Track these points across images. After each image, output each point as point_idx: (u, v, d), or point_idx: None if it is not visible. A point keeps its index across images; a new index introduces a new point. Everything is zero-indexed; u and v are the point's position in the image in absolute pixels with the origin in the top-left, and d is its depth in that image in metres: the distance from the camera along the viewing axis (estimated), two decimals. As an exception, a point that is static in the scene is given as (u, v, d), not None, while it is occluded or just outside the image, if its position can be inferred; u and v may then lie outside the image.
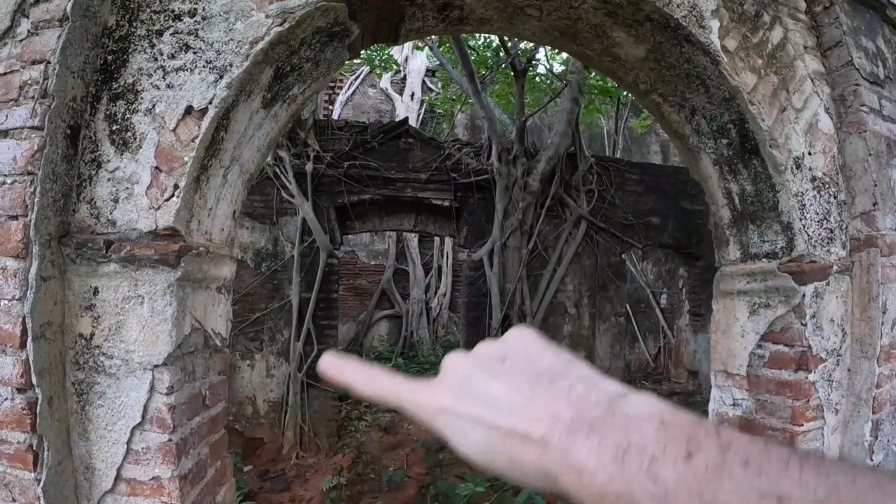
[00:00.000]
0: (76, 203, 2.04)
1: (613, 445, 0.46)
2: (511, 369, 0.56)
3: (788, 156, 2.81)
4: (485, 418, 0.53)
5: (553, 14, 2.77)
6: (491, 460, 0.53)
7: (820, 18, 3.02)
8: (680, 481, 0.43)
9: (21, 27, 1.97)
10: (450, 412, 0.55)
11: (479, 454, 0.54)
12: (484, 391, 0.55)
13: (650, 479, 0.44)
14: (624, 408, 0.49)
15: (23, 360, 1.83)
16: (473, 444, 0.54)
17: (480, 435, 0.53)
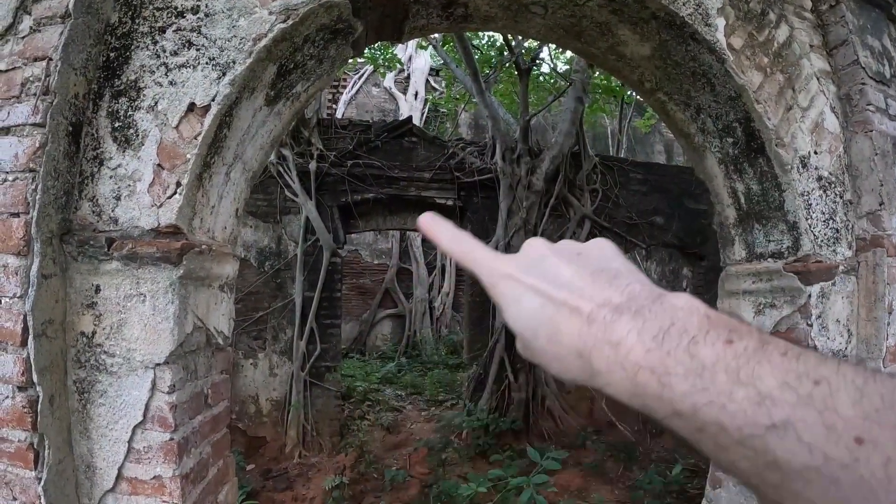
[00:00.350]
0: (78, 200, 2.03)
1: (655, 327, 0.49)
2: (581, 261, 0.60)
3: (794, 155, 2.79)
4: (543, 289, 0.57)
5: (558, 12, 2.75)
6: (535, 332, 0.57)
7: (826, 17, 3.00)
8: (718, 359, 0.44)
9: (23, 24, 1.96)
10: (514, 279, 0.59)
11: (527, 324, 0.58)
12: (551, 270, 0.59)
13: (688, 356, 0.46)
14: (671, 300, 0.51)
15: (24, 358, 1.82)
16: (525, 312, 0.58)
17: (534, 304, 0.57)
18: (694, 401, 0.44)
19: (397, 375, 11.94)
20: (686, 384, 0.45)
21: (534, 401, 8.01)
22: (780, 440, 0.40)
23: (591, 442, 7.50)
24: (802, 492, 0.40)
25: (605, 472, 6.69)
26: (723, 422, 0.43)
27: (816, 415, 0.39)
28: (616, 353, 0.49)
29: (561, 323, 0.54)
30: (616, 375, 0.50)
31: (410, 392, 10.80)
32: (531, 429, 7.85)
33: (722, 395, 0.43)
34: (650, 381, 0.47)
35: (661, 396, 0.46)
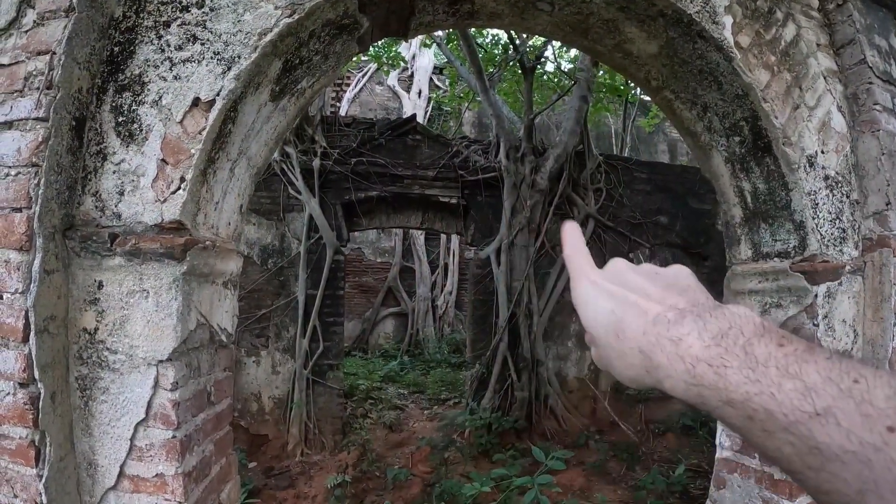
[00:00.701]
0: (81, 195, 2.02)
1: (715, 328, 0.55)
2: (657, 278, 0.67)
3: (801, 154, 2.77)
4: (618, 292, 0.65)
5: (565, 9, 2.73)
6: (606, 330, 0.64)
7: (833, 16, 2.98)
8: (770, 356, 0.51)
9: (27, 18, 1.95)
10: (595, 284, 0.69)
11: (600, 323, 0.66)
12: (629, 280, 0.67)
13: (743, 352, 0.52)
14: (730, 308, 0.58)
15: (25, 354, 1.80)
16: (600, 312, 0.66)
17: (608, 305, 0.65)
18: (746, 390, 0.50)
19: (400, 374, 11.94)
20: (740, 375, 0.51)
21: (536, 400, 8.00)
22: (822, 427, 0.46)
23: (593, 442, 7.48)
24: (839, 473, 0.45)
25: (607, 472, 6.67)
26: (772, 409, 0.49)
27: (854, 406, 0.45)
28: (677, 348, 0.56)
29: (628, 322, 0.62)
30: (675, 368, 0.56)
31: (413, 391, 10.80)
32: (534, 428, 7.84)
33: (772, 386, 0.49)
34: (707, 372, 0.53)
35: (716, 386, 0.53)
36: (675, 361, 0.56)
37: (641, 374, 0.61)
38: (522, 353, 7.96)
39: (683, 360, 0.55)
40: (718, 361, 0.53)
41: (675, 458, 6.92)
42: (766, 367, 0.50)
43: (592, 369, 8.69)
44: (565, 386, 8.47)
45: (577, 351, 8.63)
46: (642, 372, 0.60)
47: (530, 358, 7.94)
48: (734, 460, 3.01)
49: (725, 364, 0.52)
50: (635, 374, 0.62)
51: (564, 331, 8.55)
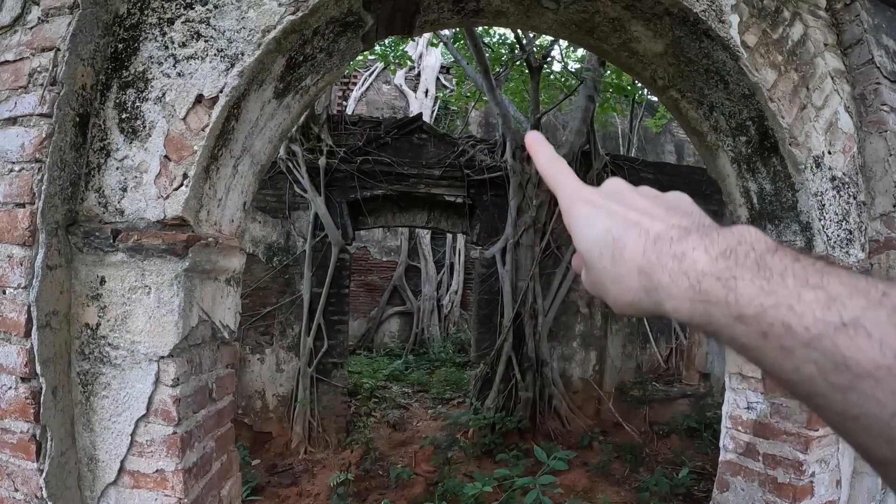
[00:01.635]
0: (84, 191, 2.02)
1: (724, 244, 0.50)
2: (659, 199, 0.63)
3: (808, 154, 2.76)
4: (617, 210, 0.60)
5: (570, 7, 2.73)
6: (601, 252, 0.59)
7: (840, 16, 2.97)
8: (787, 268, 0.46)
9: (31, 14, 1.96)
10: (591, 202, 0.63)
11: (595, 243, 0.60)
12: (628, 198, 0.62)
13: (756, 265, 0.47)
14: (739, 227, 0.52)
15: (27, 349, 1.81)
16: (595, 232, 0.60)
17: (606, 224, 0.59)
18: (760, 302, 0.45)
19: (404, 373, 11.95)
20: (753, 287, 0.46)
21: (541, 400, 7.99)
22: (851, 339, 0.40)
23: (597, 443, 7.48)
24: (872, 392, 0.39)
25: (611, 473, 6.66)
26: (790, 323, 0.43)
27: (887, 315, 0.40)
28: (681, 264, 0.51)
29: (627, 241, 0.56)
30: (679, 285, 0.51)
31: (417, 390, 10.81)
32: (537, 428, 7.84)
33: (790, 296, 0.44)
34: (715, 286, 0.48)
35: (725, 301, 0.47)
36: (679, 278, 0.51)
37: (640, 297, 0.56)
38: (527, 353, 7.95)
39: (688, 276, 0.50)
40: (728, 274, 0.48)
41: (679, 460, 6.90)
42: (783, 277, 0.45)
43: (597, 370, 8.68)
44: (569, 386, 8.46)
45: (581, 351, 8.62)
46: (641, 294, 0.55)
47: (535, 358, 7.93)
48: (738, 463, 3.00)
49: (735, 276, 0.47)
50: (632, 298, 0.57)
51: (569, 331, 8.54)
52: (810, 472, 2.75)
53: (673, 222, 0.56)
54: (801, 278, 0.44)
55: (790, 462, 2.77)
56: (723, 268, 0.48)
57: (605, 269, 0.59)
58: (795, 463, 2.75)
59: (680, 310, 0.51)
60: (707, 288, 0.48)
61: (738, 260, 0.48)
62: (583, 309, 8.58)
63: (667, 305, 0.53)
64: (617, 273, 0.57)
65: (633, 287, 0.56)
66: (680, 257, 0.51)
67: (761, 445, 2.90)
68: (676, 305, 0.51)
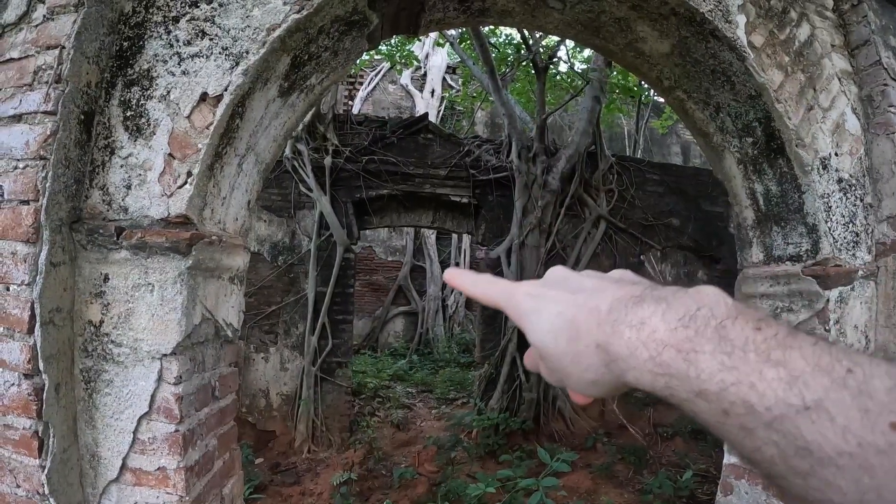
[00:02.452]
0: (88, 189, 2.03)
1: (681, 310, 0.48)
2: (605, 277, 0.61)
3: (815, 156, 2.75)
4: (563, 297, 0.58)
5: (577, 6, 2.72)
6: (556, 336, 0.56)
7: (847, 17, 2.96)
8: (748, 341, 0.43)
9: (37, 12, 1.96)
10: (536, 295, 0.61)
11: (548, 330, 0.57)
12: (574, 283, 0.61)
13: (716, 335, 0.45)
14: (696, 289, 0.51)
15: (30, 345, 1.81)
16: (546, 321, 0.58)
17: (555, 311, 0.57)
18: (721, 379, 0.43)
19: (408, 373, 11.94)
20: (714, 362, 0.44)
21: (545, 401, 7.97)
22: (812, 423, 0.39)
23: (601, 444, 7.45)
24: (833, 480, 0.38)
25: (614, 475, 6.64)
26: (751, 402, 0.41)
27: (851, 398, 0.38)
28: (638, 333, 0.49)
29: (580, 319, 0.55)
30: (638, 357, 0.49)
31: (421, 390, 10.80)
32: (541, 429, 7.82)
33: (752, 374, 0.42)
34: (675, 359, 0.46)
35: (686, 376, 0.45)
36: (638, 349, 0.48)
37: (601, 373, 0.53)
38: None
39: (647, 347, 0.48)
40: (688, 346, 0.45)
41: (683, 463, 6.87)
42: (745, 352, 0.43)
43: (601, 371, 8.64)
44: (574, 387, 8.43)
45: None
46: (602, 370, 0.53)
47: (539, 359, 7.90)
48: (742, 466, 2.99)
49: (696, 349, 0.45)
50: (594, 376, 0.54)
51: (574, 332, 8.50)
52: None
53: (624, 291, 0.54)
54: (762, 353, 0.42)
55: (794, 465, 2.76)
56: (682, 338, 0.46)
57: (563, 353, 0.56)
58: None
59: (641, 381, 0.49)
60: (667, 360, 0.47)
61: (699, 329, 0.46)
62: (587, 310, 8.54)
63: (629, 377, 0.51)
64: (575, 352, 0.55)
65: (593, 364, 0.54)
66: (638, 326, 0.49)
67: (765, 448, 2.89)
68: (638, 377, 0.49)
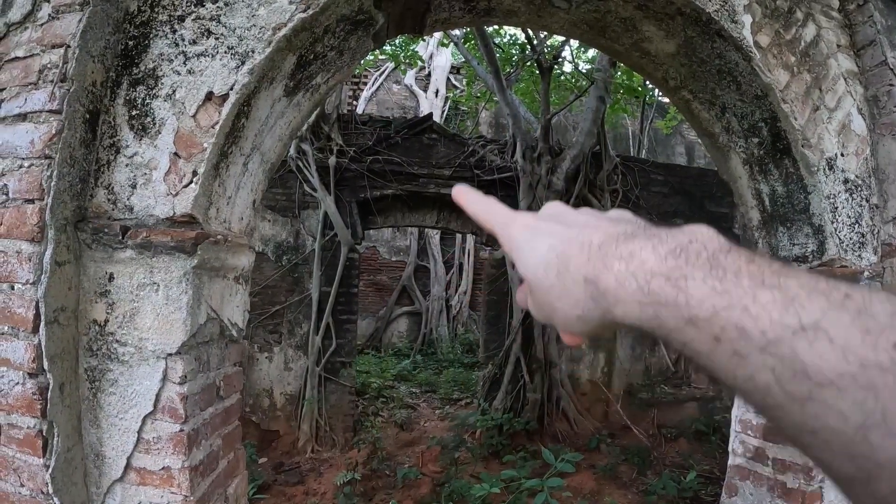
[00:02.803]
0: (93, 188, 2.03)
1: (673, 244, 0.47)
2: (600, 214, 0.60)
3: (821, 156, 2.74)
4: (556, 230, 0.57)
5: (582, 6, 2.71)
6: (545, 269, 0.56)
7: (853, 17, 2.95)
8: (741, 270, 0.43)
9: (42, 11, 1.96)
10: (529, 226, 0.60)
11: (538, 263, 0.57)
12: (568, 217, 0.60)
13: (708, 264, 0.44)
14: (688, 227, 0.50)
15: (35, 344, 1.81)
16: (537, 252, 0.57)
17: (547, 244, 0.56)
18: (712, 304, 0.42)
19: (412, 373, 11.94)
20: (705, 288, 0.43)
21: (549, 402, 7.96)
22: (810, 345, 0.37)
23: (605, 445, 7.44)
24: (834, 404, 0.36)
25: (618, 476, 6.63)
26: (745, 326, 0.40)
27: (850, 319, 0.36)
28: (628, 265, 0.48)
29: (571, 253, 0.54)
30: (626, 287, 0.47)
31: (425, 390, 10.79)
32: (545, 430, 7.81)
33: (745, 297, 0.41)
34: (664, 287, 0.45)
35: (675, 303, 0.44)
36: (626, 280, 0.47)
37: (589, 308, 0.52)
38: (535, 354, 7.92)
39: (636, 278, 0.47)
40: (677, 273, 0.44)
41: (687, 464, 6.86)
42: (738, 277, 0.42)
43: (606, 372, 8.64)
44: (578, 388, 8.43)
45: (590, 353, 8.59)
46: (590, 304, 0.51)
47: (543, 359, 7.90)
48: (746, 467, 2.98)
49: (686, 275, 0.44)
50: (581, 311, 0.53)
51: (578, 333, 8.49)
52: (820, 478, 2.72)
53: (618, 229, 0.53)
54: (756, 278, 0.41)
55: (800, 467, 2.75)
56: (672, 266, 0.45)
57: (551, 286, 0.55)
58: (805, 468, 2.73)
59: (629, 314, 0.48)
60: (656, 289, 0.45)
61: (689, 259, 0.45)
62: (592, 310, 8.53)
63: (616, 311, 0.49)
64: (563, 286, 0.54)
65: (580, 298, 0.52)
66: (627, 258, 0.48)
67: (771, 450, 2.88)
68: (625, 310, 0.48)
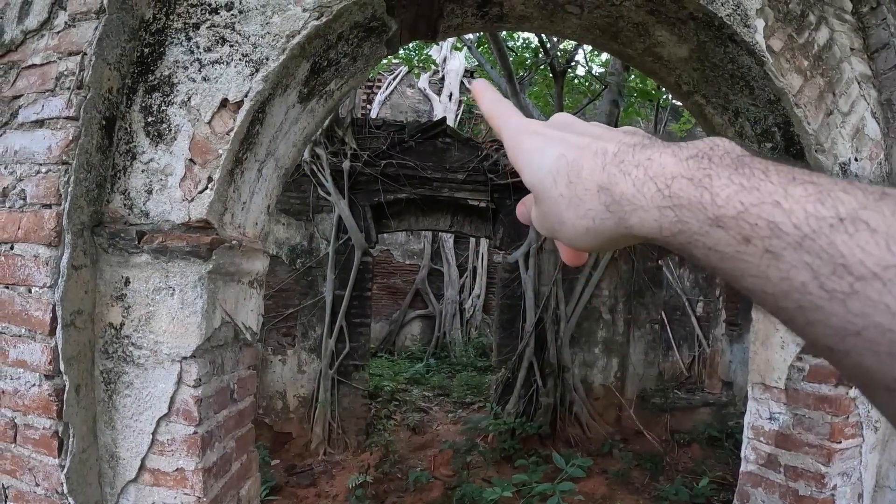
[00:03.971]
0: (110, 193, 2.06)
1: (693, 150, 0.45)
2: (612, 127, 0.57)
3: (834, 161, 2.72)
4: (569, 137, 0.55)
5: (594, 11, 2.72)
6: (554, 177, 0.54)
7: (866, 20, 2.92)
8: (770, 168, 0.40)
9: (58, 19, 1.99)
10: (539, 133, 0.58)
11: (547, 171, 0.55)
12: (578, 126, 0.58)
13: (732, 164, 0.42)
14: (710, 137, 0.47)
15: (52, 347, 1.84)
16: (547, 160, 0.55)
17: (557, 152, 0.54)
18: (741, 200, 0.39)
19: (425, 376, 11.94)
20: (732, 186, 0.40)
21: (561, 407, 7.95)
22: (850, 237, 0.34)
23: (617, 450, 7.42)
24: (879, 298, 0.33)
25: (630, 482, 6.61)
26: (777, 221, 0.37)
27: (890, 211, 0.34)
28: (647, 170, 0.46)
29: (584, 161, 0.51)
30: (645, 192, 0.45)
31: (438, 393, 10.79)
32: (558, 435, 7.80)
33: (776, 192, 0.38)
34: (687, 187, 0.43)
35: (700, 202, 0.42)
36: (645, 184, 0.45)
37: (601, 218, 0.50)
38: (549, 358, 7.91)
39: (655, 182, 0.45)
40: (701, 174, 0.42)
41: (700, 470, 6.82)
42: (767, 174, 0.40)
43: (619, 377, 8.62)
44: (591, 393, 8.41)
45: (603, 358, 8.56)
46: (603, 214, 0.49)
47: (556, 364, 7.90)
48: (759, 474, 2.96)
49: (710, 175, 0.42)
50: (592, 221, 0.51)
51: (591, 337, 8.48)
52: (832, 485, 2.71)
53: (633, 139, 0.51)
54: (786, 174, 0.39)
55: (812, 474, 2.73)
56: (695, 168, 0.43)
57: (559, 196, 0.53)
58: (817, 475, 2.71)
59: (647, 221, 0.46)
60: (678, 190, 0.43)
61: (713, 160, 0.43)
62: (605, 315, 8.53)
63: (631, 219, 0.47)
64: (573, 195, 0.52)
65: (593, 207, 0.50)
66: (645, 164, 0.46)
67: (783, 457, 2.86)
68: (643, 217, 0.46)
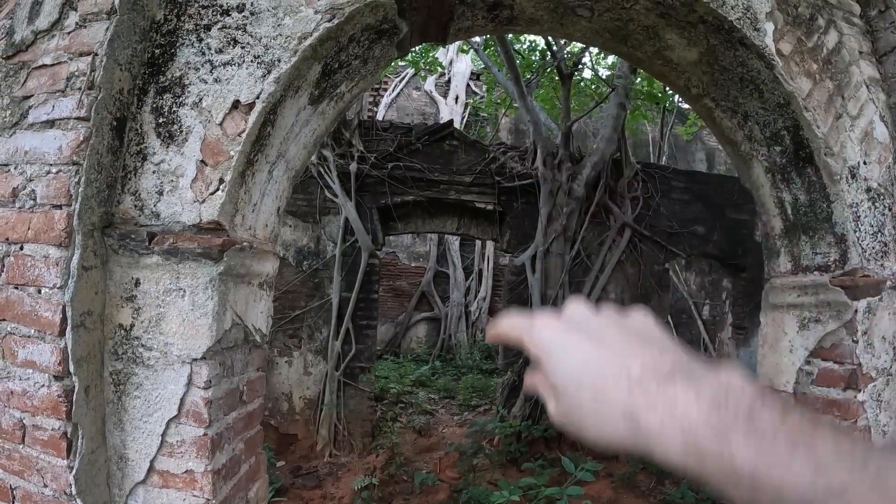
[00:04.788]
0: (120, 194, 2.06)
1: (711, 392, 0.50)
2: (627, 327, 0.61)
3: (843, 165, 2.71)
4: (588, 345, 0.58)
5: (604, 15, 2.71)
6: (579, 385, 0.57)
7: (875, 23, 2.91)
8: (777, 427, 0.47)
9: (69, 19, 1.99)
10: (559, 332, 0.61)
11: (571, 375, 0.58)
12: (597, 329, 0.60)
13: (749, 420, 0.48)
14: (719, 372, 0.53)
15: (61, 347, 1.84)
16: (571, 363, 0.58)
17: (580, 358, 0.57)
18: (754, 463, 0.46)
19: (431, 378, 11.92)
20: (748, 447, 0.47)
21: (567, 409, 7.92)
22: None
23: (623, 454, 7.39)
24: None
25: (636, 485, 6.59)
26: (782, 486, 0.45)
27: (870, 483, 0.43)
28: (672, 410, 0.51)
29: (608, 380, 0.55)
30: (670, 434, 0.51)
31: (443, 396, 10.78)
32: (563, 438, 7.76)
33: (782, 459, 0.46)
34: (710, 442, 0.49)
35: (720, 456, 0.48)
36: (671, 426, 0.51)
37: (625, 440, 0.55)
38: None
39: (681, 427, 0.50)
40: (722, 428, 0.48)
41: (708, 473, 6.79)
42: (775, 437, 0.47)
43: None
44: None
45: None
46: (627, 438, 0.54)
47: (562, 366, 7.86)
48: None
49: (730, 431, 0.48)
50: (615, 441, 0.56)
51: (597, 340, 8.44)
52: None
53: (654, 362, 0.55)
54: (790, 440, 0.46)
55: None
56: (716, 421, 0.49)
57: (583, 406, 0.57)
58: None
59: (671, 456, 0.51)
60: (702, 442, 0.49)
61: (733, 412, 0.49)
62: (611, 318, 8.48)
63: (656, 450, 0.52)
64: (598, 412, 0.56)
65: (618, 429, 0.55)
66: (671, 403, 0.51)
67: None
68: (668, 451, 0.51)
